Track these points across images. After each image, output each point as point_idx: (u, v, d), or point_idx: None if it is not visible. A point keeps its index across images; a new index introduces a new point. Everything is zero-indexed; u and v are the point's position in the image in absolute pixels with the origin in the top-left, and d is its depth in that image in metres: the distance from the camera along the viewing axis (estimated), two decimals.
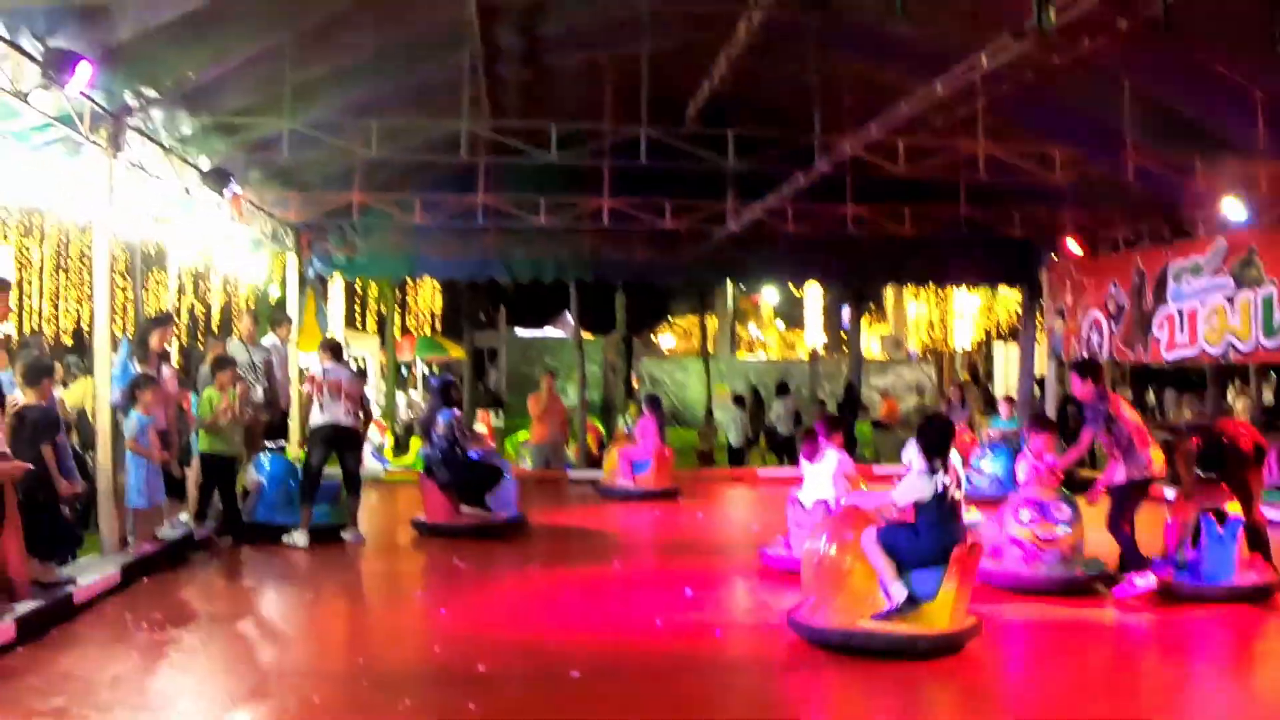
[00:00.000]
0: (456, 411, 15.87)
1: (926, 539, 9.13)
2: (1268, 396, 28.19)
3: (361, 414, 15.28)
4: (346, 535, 14.45)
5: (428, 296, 47.01)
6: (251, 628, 10.38)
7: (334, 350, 15.41)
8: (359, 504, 14.83)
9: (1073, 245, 22.05)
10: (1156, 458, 11.34)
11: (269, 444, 15.20)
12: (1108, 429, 11.43)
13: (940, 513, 9.19)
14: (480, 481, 15.50)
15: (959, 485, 9.33)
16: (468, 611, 10.91)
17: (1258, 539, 11.50)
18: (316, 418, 14.70)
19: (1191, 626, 10.46)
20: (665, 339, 58.29)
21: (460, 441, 15.47)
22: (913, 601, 9.03)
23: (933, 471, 9.22)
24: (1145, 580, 10.89)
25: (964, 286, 36.99)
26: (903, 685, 8.62)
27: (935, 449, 9.27)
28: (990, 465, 19.08)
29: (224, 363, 14.56)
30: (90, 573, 11.01)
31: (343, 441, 14.73)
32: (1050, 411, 23.14)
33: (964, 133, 16.69)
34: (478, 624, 10.48)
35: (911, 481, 9.31)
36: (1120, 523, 11.30)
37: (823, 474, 12.56)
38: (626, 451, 19.93)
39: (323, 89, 15.33)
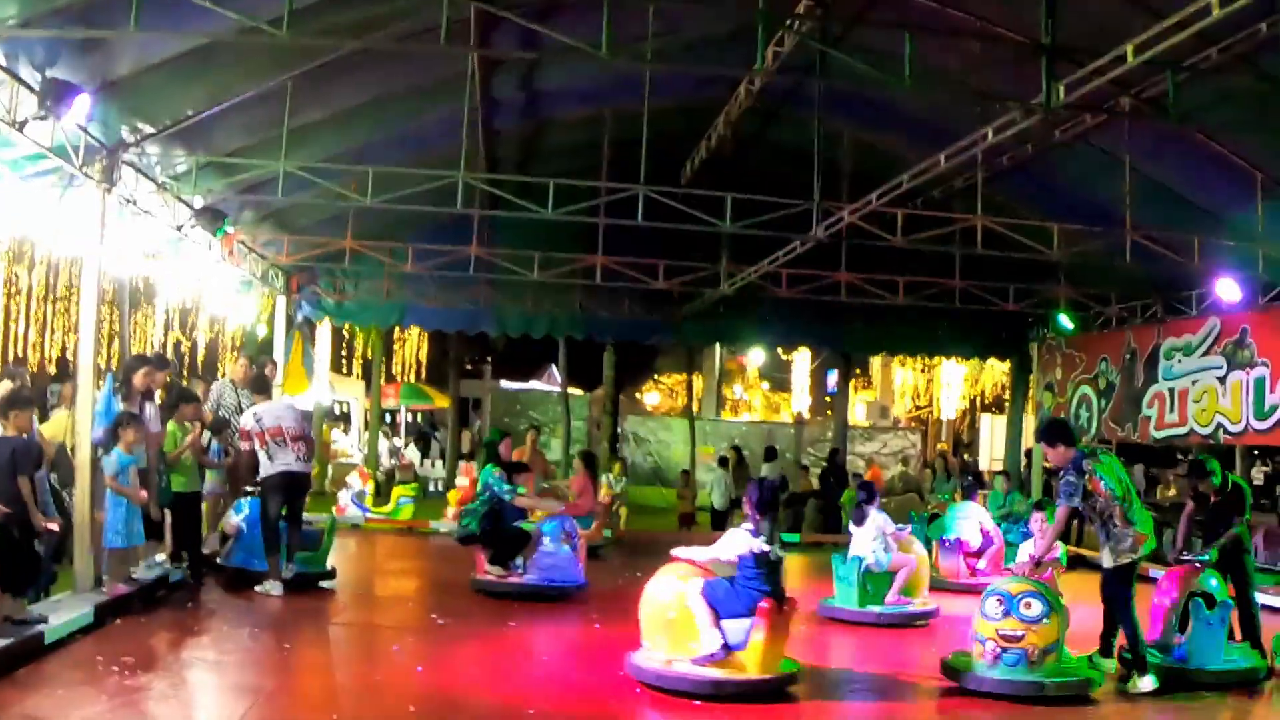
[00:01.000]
0: (496, 472, 15.04)
1: (742, 593, 9.97)
2: (1257, 478, 28.03)
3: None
4: (265, 586, 13.79)
5: (414, 343, 46.93)
6: (223, 677, 10.14)
7: (260, 386, 15.13)
8: (297, 545, 14.26)
9: (1065, 320, 22.00)
10: (1144, 534, 10.48)
11: (249, 488, 15.00)
12: (1085, 502, 10.54)
13: (757, 569, 10.03)
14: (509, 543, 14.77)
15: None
16: (445, 670, 10.71)
17: (1249, 623, 11.41)
18: (266, 467, 14.14)
19: None
20: (650, 396, 58.16)
21: (496, 501, 14.78)
22: (726, 649, 9.88)
23: (757, 532, 10.15)
24: (1147, 682, 10.38)
25: (953, 358, 36.86)
26: None
27: (764, 509, 10.24)
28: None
29: (186, 397, 14.39)
30: (62, 612, 10.81)
31: (297, 487, 14.31)
32: (1036, 488, 23.09)
33: (962, 205, 16.68)
34: (454, 683, 10.30)
35: (735, 537, 10.25)
36: (1121, 612, 10.66)
37: (865, 536, 14.15)
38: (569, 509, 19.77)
39: (319, 133, 15.31)
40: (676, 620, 10.24)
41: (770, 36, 12.33)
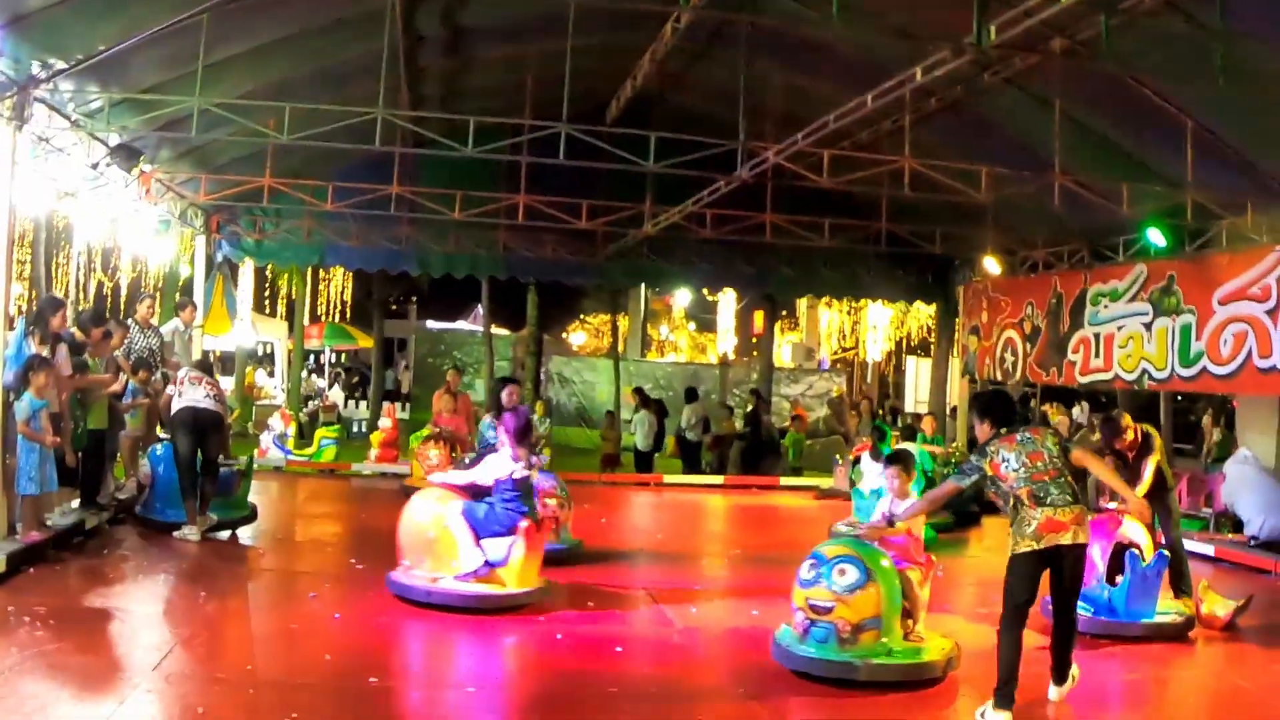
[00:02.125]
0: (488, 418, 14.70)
1: (502, 514, 10.91)
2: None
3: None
4: (182, 532, 13.60)
5: (338, 283, 46.51)
6: (137, 627, 9.92)
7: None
8: (213, 493, 14.05)
9: (991, 264, 22.02)
10: (1062, 521, 8.29)
11: (163, 434, 14.76)
12: (991, 486, 8.77)
13: (515, 492, 10.99)
14: None
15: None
16: (363, 617, 10.57)
17: (1176, 569, 11.40)
18: (176, 404, 14.06)
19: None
20: (576, 337, 58.06)
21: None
22: (488, 565, 10.84)
23: (515, 458, 11.09)
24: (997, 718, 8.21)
25: (880, 300, 36.92)
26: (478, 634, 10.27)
27: (519, 437, 11.17)
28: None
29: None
30: None
31: (205, 425, 13.98)
32: (962, 430, 23.16)
33: (889, 147, 16.57)
34: (370, 632, 10.20)
35: (496, 461, 11.17)
36: (1003, 620, 8.51)
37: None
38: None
39: (237, 68, 14.96)
40: (437, 540, 11.06)
41: None
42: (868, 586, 9.02)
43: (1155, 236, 17.25)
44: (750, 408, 26.60)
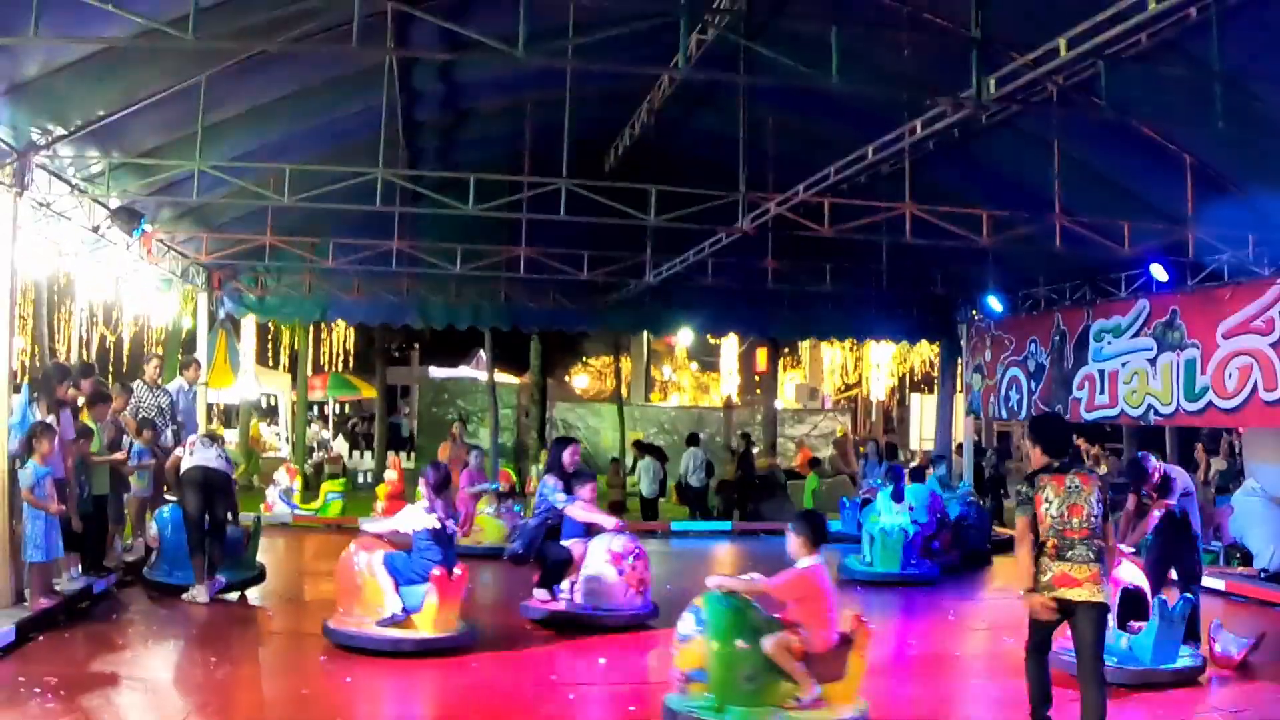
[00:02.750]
0: (550, 481, 13.72)
1: (417, 562, 11.48)
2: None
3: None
4: (190, 593, 13.60)
5: (340, 333, 46.48)
6: (149, 696, 9.89)
7: None
8: (221, 556, 14.00)
9: (993, 303, 22.00)
10: (1076, 579, 8.23)
11: (170, 496, 14.74)
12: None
13: (431, 542, 11.51)
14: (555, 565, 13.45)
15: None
16: (375, 682, 10.49)
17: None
18: (185, 463, 14.00)
19: None
20: (579, 379, 57.98)
21: (553, 515, 13.55)
22: (406, 612, 11.37)
23: (431, 509, 11.66)
24: None
25: (884, 341, 36.81)
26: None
27: (437, 489, 11.78)
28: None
29: (101, 396, 14.41)
30: None
31: (214, 486, 13.93)
32: (969, 468, 23.25)
33: (887, 187, 16.56)
34: (383, 697, 10.13)
35: (411, 513, 11.82)
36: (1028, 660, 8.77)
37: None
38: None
39: (235, 129, 14.95)
40: (363, 587, 11.64)
41: (693, 27, 12.13)
42: (698, 638, 8.78)
43: (1157, 272, 17.27)
44: (741, 450, 26.52)
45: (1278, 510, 16.83)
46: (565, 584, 13.28)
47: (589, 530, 13.46)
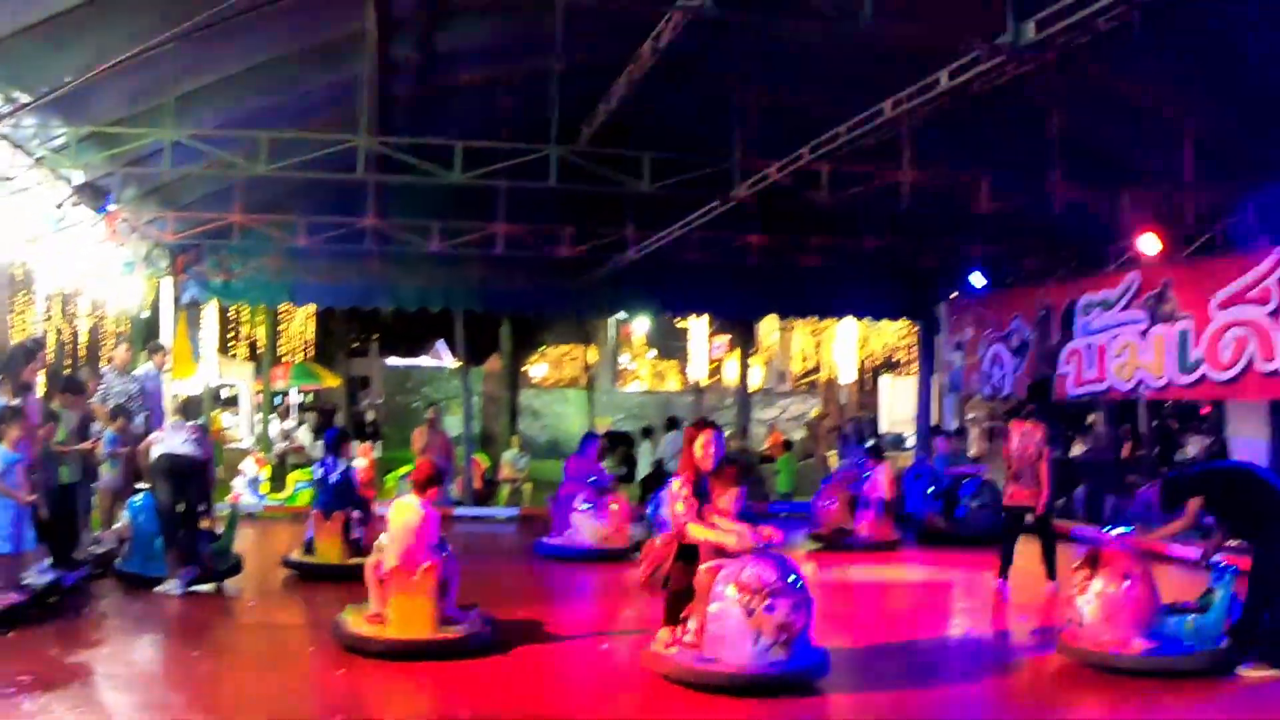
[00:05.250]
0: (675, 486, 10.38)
1: None
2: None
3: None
4: (165, 586, 12.99)
5: (299, 322, 45.98)
6: (130, 694, 9.34)
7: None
8: (194, 545, 13.37)
9: (977, 278, 21.67)
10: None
11: (140, 485, 14.18)
12: None
13: None
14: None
15: None
16: (368, 674, 9.95)
17: None
18: (154, 450, 13.48)
19: None
20: (537, 369, 57.61)
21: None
22: None
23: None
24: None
25: (865, 319, 36.29)
26: None
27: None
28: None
29: (71, 385, 14.28)
30: None
31: (184, 472, 13.37)
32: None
33: (875, 157, 16.13)
34: (379, 688, 9.63)
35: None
36: None
37: None
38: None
39: (206, 99, 14.53)
40: None
41: None
42: None
43: (1149, 243, 16.95)
44: None
45: None
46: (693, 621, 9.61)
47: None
